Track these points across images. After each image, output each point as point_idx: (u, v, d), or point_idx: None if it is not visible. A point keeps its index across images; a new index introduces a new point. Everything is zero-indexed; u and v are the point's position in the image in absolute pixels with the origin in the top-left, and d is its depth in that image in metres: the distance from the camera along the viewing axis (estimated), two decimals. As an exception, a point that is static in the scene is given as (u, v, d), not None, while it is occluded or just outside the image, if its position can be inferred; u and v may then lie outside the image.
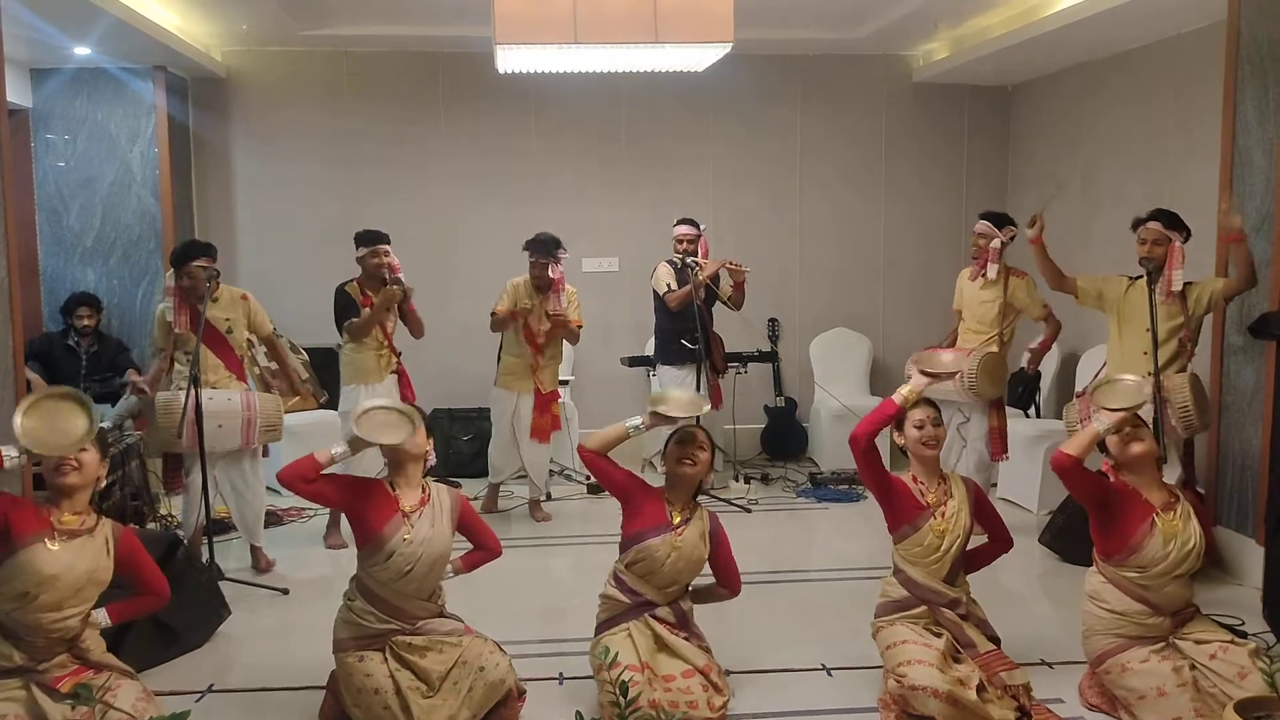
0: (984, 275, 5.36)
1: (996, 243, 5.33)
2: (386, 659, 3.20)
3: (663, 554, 3.40)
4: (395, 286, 5.19)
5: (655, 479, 3.73)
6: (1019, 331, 5.57)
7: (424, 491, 3.35)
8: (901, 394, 3.46)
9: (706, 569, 3.59)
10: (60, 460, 3.04)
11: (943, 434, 3.52)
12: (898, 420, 3.53)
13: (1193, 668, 3.23)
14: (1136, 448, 3.35)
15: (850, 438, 3.45)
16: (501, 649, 3.33)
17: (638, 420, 3.46)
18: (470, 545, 3.53)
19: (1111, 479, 3.47)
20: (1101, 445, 3.43)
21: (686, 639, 3.44)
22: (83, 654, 3.08)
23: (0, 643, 2.99)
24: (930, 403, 3.52)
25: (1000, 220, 5.40)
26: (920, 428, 3.48)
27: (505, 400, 5.74)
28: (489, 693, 3.20)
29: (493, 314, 5.61)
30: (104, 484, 3.23)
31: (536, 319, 5.60)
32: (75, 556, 3.03)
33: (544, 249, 5.53)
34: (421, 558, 3.23)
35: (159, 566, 3.93)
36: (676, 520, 3.43)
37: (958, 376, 5.30)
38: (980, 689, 3.21)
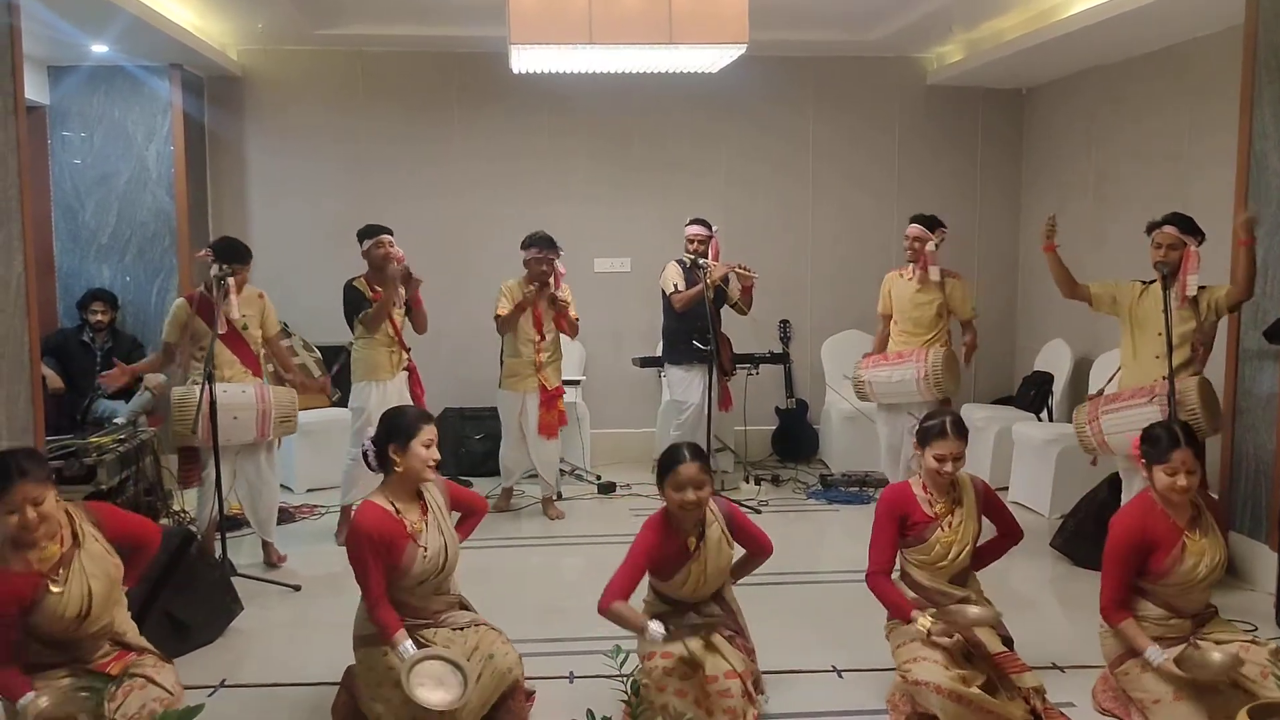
0: (925, 277, 5.53)
1: (931, 246, 5.50)
2: None
3: (693, 575, 3.36)
4: (397, 266, 5.23)
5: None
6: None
7: (420, 500, 3.35)
8: (923, 625, 3.30)
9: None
10: (18, 527, 2.78)
11: (959, 468, 3.45)
12: (920, 439, 3.48)
13: None
14: (1183, 481, 3.25)
15: (868, 584, 3.45)
16: (510, 644, 3.33)
17: (659, 630, 3.18)
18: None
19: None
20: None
21: (731, 638, 3.37)
22: (120, 637, 3.06)
23: (46, 653, 2.92)
24: (961, 437, 3.42)
25: (932, 223, 5.60)
26: (941, 461, 3.41)
27: (511, 401, 5.80)
28: (496, 680, 3.20)
29: (496, 317, 5.67)
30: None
31: (541, 308, 5.66)
32: (82, 580, 2.89)
33: (549, 243, 5.62)
34: (440, 563, 3.28)
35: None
36: (694, 545, 3.36)
37: (922, 375, 5.43)
38: (992, 689, 3.20)
